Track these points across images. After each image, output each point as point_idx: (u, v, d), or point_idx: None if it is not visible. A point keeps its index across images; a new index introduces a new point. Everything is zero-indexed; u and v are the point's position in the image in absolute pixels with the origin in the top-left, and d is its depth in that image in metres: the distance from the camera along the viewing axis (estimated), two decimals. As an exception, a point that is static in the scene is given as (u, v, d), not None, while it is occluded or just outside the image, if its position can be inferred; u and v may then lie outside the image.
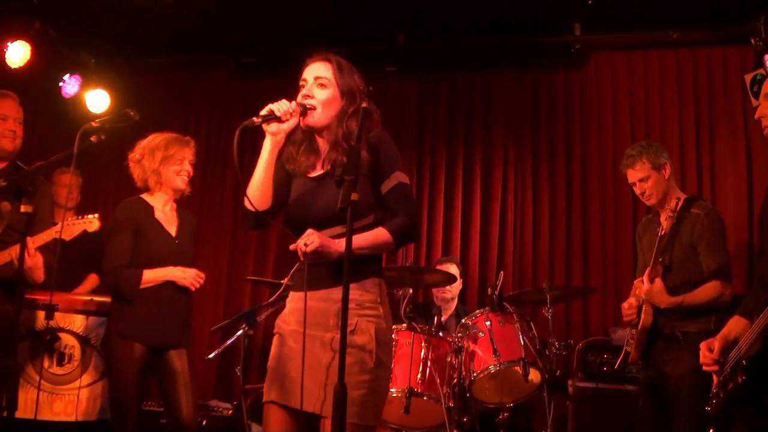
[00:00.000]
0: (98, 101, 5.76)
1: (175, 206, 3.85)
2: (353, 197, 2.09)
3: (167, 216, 3.77)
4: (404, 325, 4.00)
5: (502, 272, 4.54)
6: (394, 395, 3.76)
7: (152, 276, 3.60)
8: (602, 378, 4.46)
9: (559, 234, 5.54)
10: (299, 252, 2.27)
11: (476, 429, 4.26)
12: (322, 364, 2.28)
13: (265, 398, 2.41)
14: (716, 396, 2.67)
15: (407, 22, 5.60)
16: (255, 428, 4.68)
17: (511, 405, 4.16)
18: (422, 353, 3.89)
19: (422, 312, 5.01)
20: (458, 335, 4.02)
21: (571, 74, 5.75)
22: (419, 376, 3.84)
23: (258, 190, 2.41)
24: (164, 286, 3.62)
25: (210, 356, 4.31)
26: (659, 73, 5.54)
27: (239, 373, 4.20)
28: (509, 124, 5.82)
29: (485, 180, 5.78)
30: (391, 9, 5.38)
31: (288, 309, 2.46)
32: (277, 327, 2.47)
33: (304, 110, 2.39)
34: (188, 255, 3.79)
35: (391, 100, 5.91)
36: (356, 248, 2.23)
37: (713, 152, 5.32)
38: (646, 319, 3.48)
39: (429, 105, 6.00)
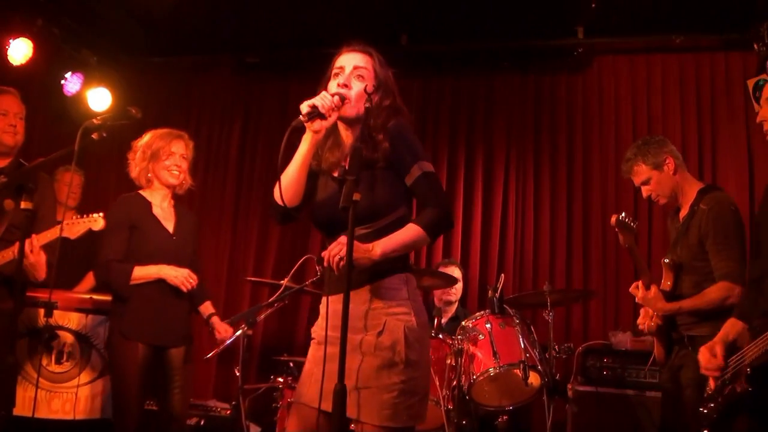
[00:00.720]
0: (100, 99, 5.75)
1: (173, 203, 3.84)
2: (355, 197, 2.07)
3: (165, 212, 3.76)
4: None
5: (503, 275, 4.53)
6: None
7: (142, 273, 3.58)
8: (602, 382, 4.45)
9: (560, 237, 5.53)
10: (332, 264, 2.18)
11: (475, 432, 4.25)
12: (352, 368, 2.21)
13: (295, 398, 2.40)
14: (713, 399, 2.60)
15: (410, 24, 5.61)
16: (253, 428, 4.67)
17: (511, 408, 4.15)
18: (429, 355, 3.87)
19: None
20: (458, 337, 4.01)
21: (574, 78, 5.75)
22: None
23: (291, 187, 2.36)
24: (157, 284, 3.60)
25: (209, 356, 4.30)
26: (662, 78, 5.53)
27: (238, 374, 4.18)
28: (511, 127, 5.82)
29: (487, 182, 5.78)
30: (394, 10, 5.38)
31: (321, 315, 2.41)
32: (313, 332, 2.44)
33: (343, 101, 2.33)
34: (186, 252, 3.77)
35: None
36: (391, 251, 2.21)
37: (715, 157, 5.31)
38: (652, 326, 3.39)
39: (431, 107, 6.00)
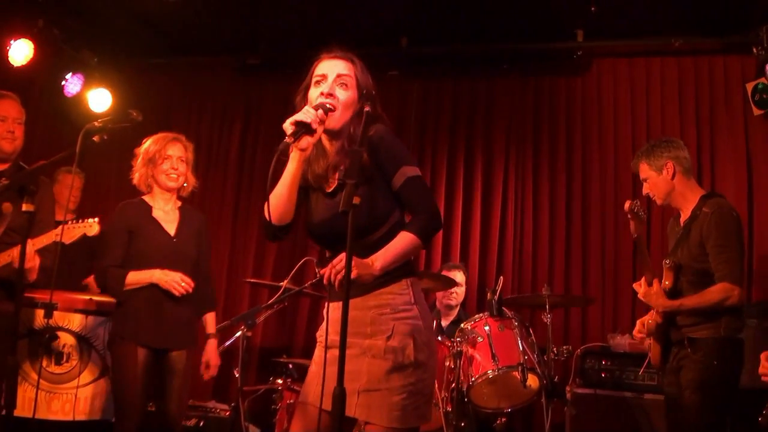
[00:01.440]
0: (100, 100, 5.77)
1: (179, 204, 3.83)
2: (355, 201, 2.06)
3: (167, 215, 3.75)
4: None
5: (502, 277, 4.54)
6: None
7: (136, 278, 3.58)
8: (600, 384, 4.46)
9: (559, 240, 5.54)
10: (333, 281, 2.15)
11: (474, 434, 4.26)
12: (361, 371, 2.24)
13: (301, 399, 2.40)
14: None
15: (410, 26, 5.61)
16: (252, 430, 4.67)
17: (509, 410, 4.16)
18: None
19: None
20: (457, 340, 4.02)
21: (573, 81, 5.75)
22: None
23: (281, 206, 2.33)
24: (155, 288, 3.58)
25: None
26: (661, 81, 5.54)
27: (237, 375, 4.19)
28: (511, 130, 5.83)
29: (486, 185, 5.78)
30: (394, 13, 5.39)
31: (326, 320, 2.39)
32: (318, 336, 2.45)
33: (327, 113, 2.28)
34: (188, 254, 3.74)
35: (393, 104, 5.89)
36: (391, 263, 2.22)
37: (714, 160, 5.31)
38: (650, 324, 3.39)
39: (431, 109, 6.00)
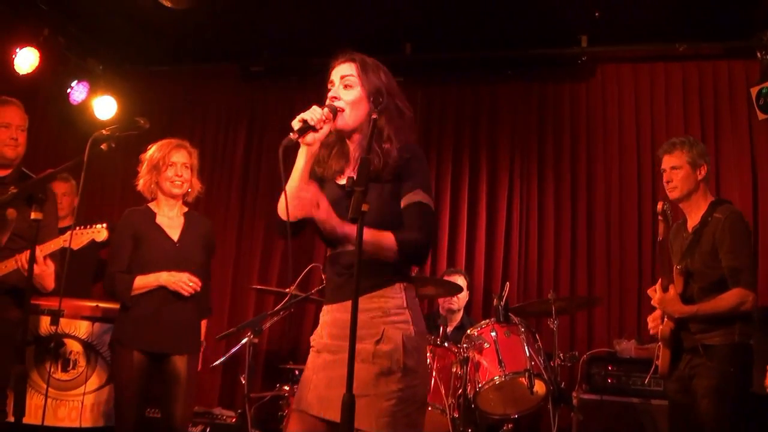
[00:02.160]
0: (106, 108, 5.79)
1: (185, 210, 3.85)
2: (364, 208, 2.05)
3: (171, 221, 3.77)
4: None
5: (508, 283, 4.55)
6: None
7: (143, 282, 3.61)
8: (607, 390, 4.46)
9: (564, 245, 5.54)
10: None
11: (481, 440, 4.26)
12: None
13: (294, 406, 2.39)
14: None
15: (414, 33, 5.63)
16: (258, 436, 4.67)
17: (516, 416, 4.16)
18: (427, 363, 3.88)
19: (428, 322, 4.98)
20: (463, 346, 4.01)
21: (578, 86, 5.76)
22: (424, 387, 3.83)
23: (292, 201, 2.30)
24: (159, 292, 3.61)
25: (215, 364, 4.31)
26: (665, 86, 5.55)
27: (244, 381, 4.19)
28: (515, 135, 5.84)
29: (491, 190, 5.79)
30: (399, 19, 5.40)
31: (320, 323, 2.42)
32: (312, 341, 2.44)
33: (334, 112, 2.32)
34: (192, 259, 3.75)
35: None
36: (350, 237, 2.19)
37: (718, 165, 5.30)
38: (664, 330, 3.37)
39: (435, 115, 6.01)
